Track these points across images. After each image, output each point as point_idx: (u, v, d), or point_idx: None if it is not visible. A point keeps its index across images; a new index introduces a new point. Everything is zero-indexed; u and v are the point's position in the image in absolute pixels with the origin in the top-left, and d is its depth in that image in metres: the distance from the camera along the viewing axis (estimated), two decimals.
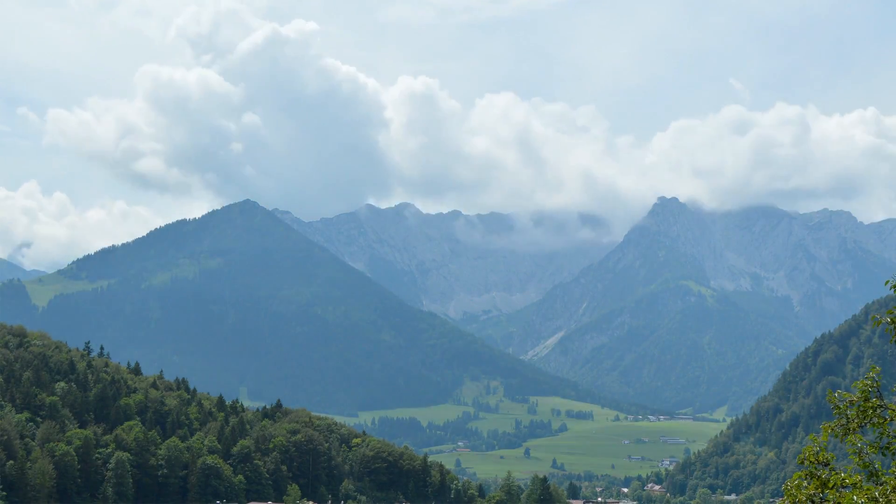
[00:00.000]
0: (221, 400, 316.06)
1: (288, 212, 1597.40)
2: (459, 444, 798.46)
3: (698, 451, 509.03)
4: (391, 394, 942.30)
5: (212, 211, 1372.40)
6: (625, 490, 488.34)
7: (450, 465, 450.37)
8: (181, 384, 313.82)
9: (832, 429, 30.19)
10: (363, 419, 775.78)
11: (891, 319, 29.62)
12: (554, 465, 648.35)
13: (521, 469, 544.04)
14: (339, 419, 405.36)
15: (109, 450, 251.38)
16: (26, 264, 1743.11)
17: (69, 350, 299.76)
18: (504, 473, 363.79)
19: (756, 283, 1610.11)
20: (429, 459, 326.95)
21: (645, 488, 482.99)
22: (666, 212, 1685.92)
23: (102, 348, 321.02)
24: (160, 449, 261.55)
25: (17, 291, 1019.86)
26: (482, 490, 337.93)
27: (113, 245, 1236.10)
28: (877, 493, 28.10)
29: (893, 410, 29.39)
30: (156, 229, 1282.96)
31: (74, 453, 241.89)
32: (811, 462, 29.99)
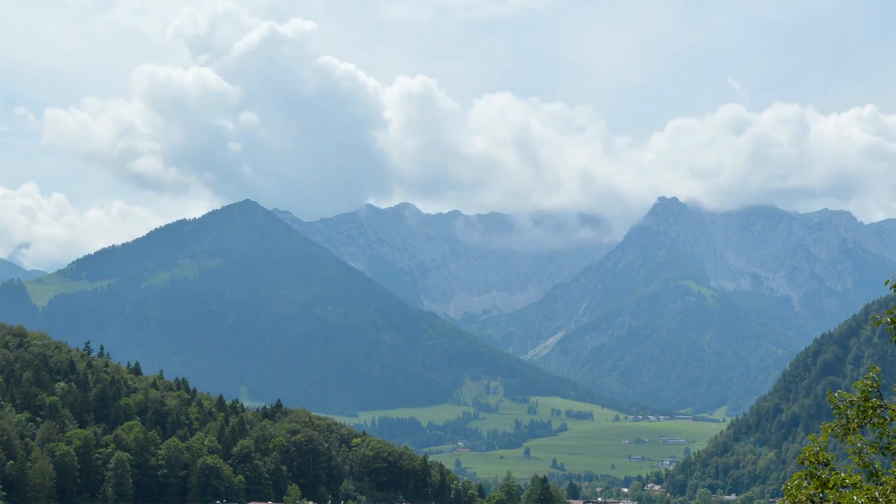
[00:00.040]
0: (221, 400, 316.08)
1: (288, 212, 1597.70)
2: (459, 444, 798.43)
3: (698, 451, 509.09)
4: (391, 394, 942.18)
5: (212, 211, 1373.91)
6: (625, 490, 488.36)
7: (450, 465, 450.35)
8: (181, 384, 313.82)
9: (832, 429, 30.21)
10: (363, 419, 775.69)
11: (891, 319, 29.64)
12: (554, 465, 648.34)
13: (521, 469, 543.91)
14: (339, 419, 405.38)
15: (109, 450, 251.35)
16: (25, 264, 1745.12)
17: (69, 350, 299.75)
18: (504, 473, 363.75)
19: (756, 283, 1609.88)
20: (429, 459, 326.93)
21: (645, 488, 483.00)
22: (666, 212, 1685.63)
23: (102, 348, 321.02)
24: (160, 449, 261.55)
25: (17, 291, 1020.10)
26: (482, 490, 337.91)
27: (113, 245, 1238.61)
28: (877, 493, 28.11)
29: (893, 410, 29.41)
30: (156, 229, 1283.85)
31: (74, 453, 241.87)
32: (811, 462, 30.00)
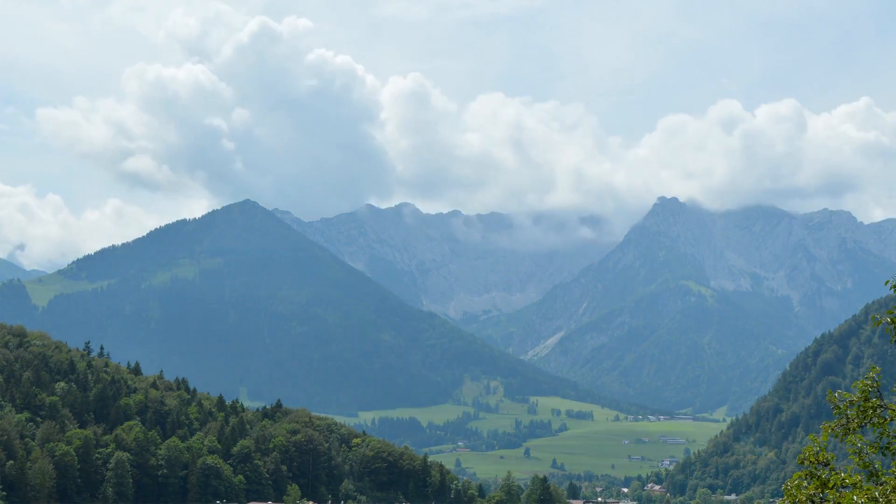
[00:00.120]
0: (221, 400, 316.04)
1: (288, 212, 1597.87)
2: (459, 444, 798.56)
3: (698, 451, 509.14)
4: (391, 394, 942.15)
5: (212, 211, 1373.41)
6: (625, 490, 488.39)
7: (450, 465, 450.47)
8: (181, 384, 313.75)
9: (832, 429, 30.21)
10: (363, 419, 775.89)
11: (891, 319, 29.63)
12: (554, 465, 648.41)
13: (521, 469, 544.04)
14: (339, 419, 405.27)
15: (109, 450, 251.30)
16: (25, 264, 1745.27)
17: (69, 350, 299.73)
18: (504, 473, 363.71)
19: (756, 283, 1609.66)
20: (429, 459, 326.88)
21: (645, 488, 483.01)
22: (666, 212, 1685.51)
23: (102, 348, 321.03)
24: (160, 449, 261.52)
25: (17, 291, 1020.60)
26: (482, 490, 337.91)
27: (113, 245, 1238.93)
28: (877, 493, 28.11)
29: (893, 410, 29.40)
30: (156, 229, 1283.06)
31: (74, 453, 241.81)
32: (811, 462, 30.00)
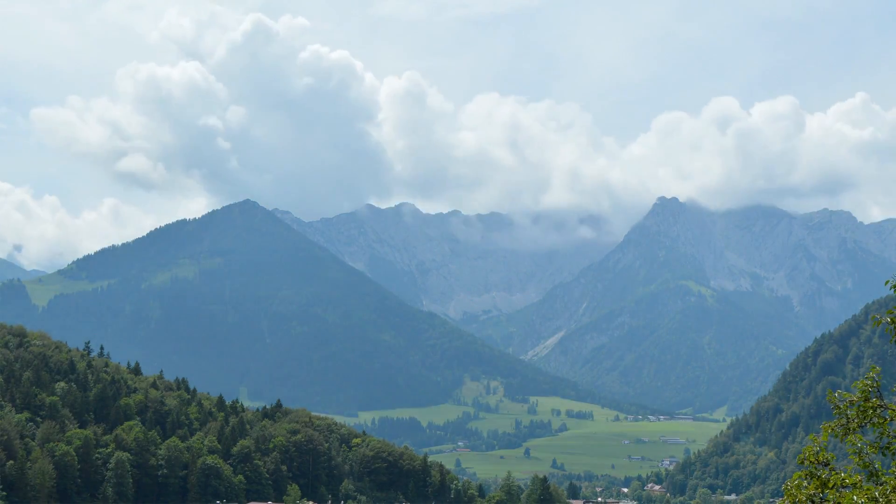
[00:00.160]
0: (221, 400, 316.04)
1: (288, 212, 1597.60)
2: (459, 444, 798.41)
3: (698, 451, 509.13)
4: (391, 394, 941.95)
5: (212, 211, 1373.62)
6: (625, 490, 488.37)
7: (450, 465, 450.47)
8: (181, 384, 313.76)
9: (832, 429, 30.20)
10: (363, 419, 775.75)
11: (891, 319, 29.63)
12: (554, 465, 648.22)
13: (521, 469, 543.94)
14: (339, 419, 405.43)
15: (109, 450, 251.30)
16: (24, 264, 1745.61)
17: (69, 350, 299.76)
18: (504, 473, 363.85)
19: (756, 283, 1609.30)
20: (429, 459, 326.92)
21: (645, 488, 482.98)
22: (666, 212, 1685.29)
23: (102, 348, 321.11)
24: (160, 449, 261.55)
25: (17, 291, 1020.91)
26: (482, 490, 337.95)
27: (113, 245, 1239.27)
28: (877, 493, 28.11)
29: (893, 410, 29.40)
30: (156, 229, 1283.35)
31: (74, 453, 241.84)
32: (811, 462, 30.00)
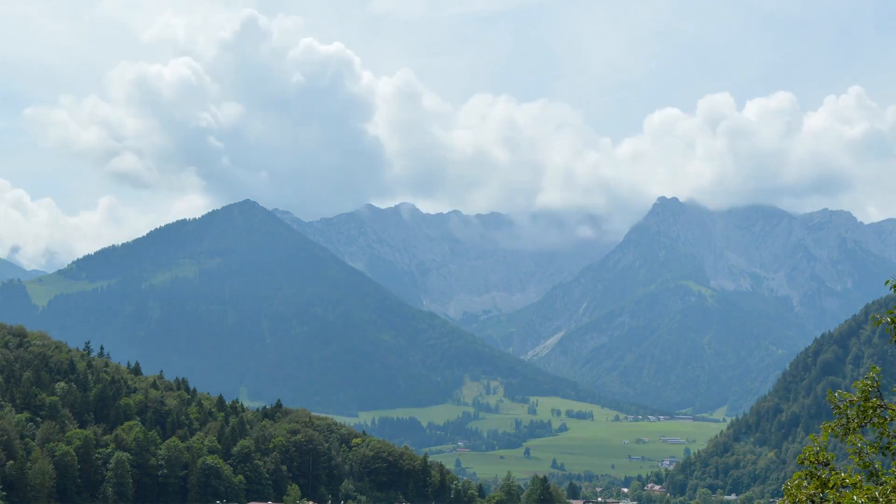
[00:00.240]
0: (221, 400, 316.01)
1: (288, 212, 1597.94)
2: (459, 444, 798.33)
3: (698, 451, 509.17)
4: (391, 394, 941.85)
5: (212, 211, 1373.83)
6: (625, 490, 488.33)
7: (450, 465, 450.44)
8: (181, 384, 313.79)
9: (832, 429, 30.20)
10: (363, 419, 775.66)
11: (891, 319, 29.63)
12: (554, 465, 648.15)
13: (521, 469, 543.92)
14: (339, 419, 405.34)
15: (109, 450, 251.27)
16: (24, 264, 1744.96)
17: (69, 350, 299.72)
18: (504, 473, 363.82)
19: (756, 283, 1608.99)
20: (429, 459, 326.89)
21: (645, 488, 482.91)
22: (666, 211, 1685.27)
23: (102, 348, 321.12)
24: (160, 449, 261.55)
25: (17, 291, 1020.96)
26: (482, 490, 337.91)
27: (113, 245, 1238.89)
28: (877, 493, 28.11)
29: (893, 410, 29.40)
30: (156, 229, 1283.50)
31: (74, 453, 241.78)
32: (811, 462, 30.00)
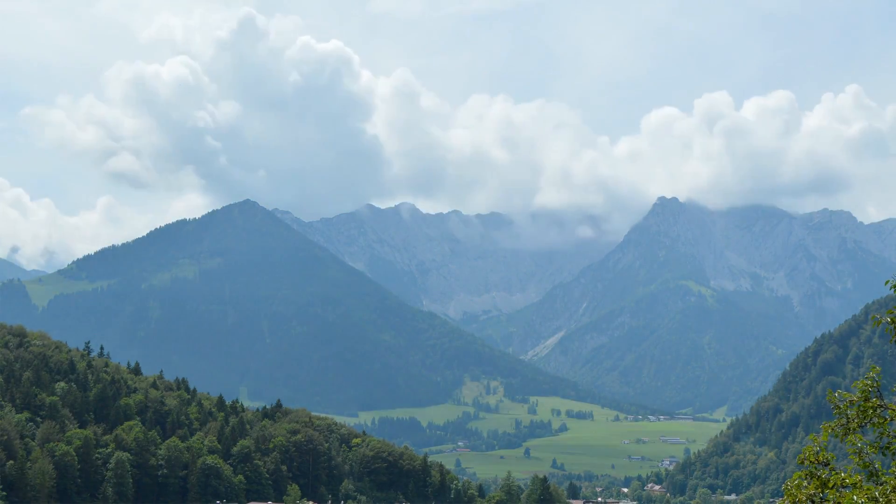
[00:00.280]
0: (221, 400, 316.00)
1: (288, 212, 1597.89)
2: (459, 444, 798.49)
3: (698, 451, 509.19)
4: (391, 394, 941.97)
5: (212, 211, 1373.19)
6: (625, 490, 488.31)
7: (450, 465, 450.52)
8: (181, 384, 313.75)
9: (832, 429, 30.20)
10: (363, 419, 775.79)
11: (891, 319, 29.63)
12: (554, 465, 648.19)
13: (521, 469, 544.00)
14: (339, 419, 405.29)
15: (109, 450, 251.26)
16: (23, 264, 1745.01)
17: (69, 350, 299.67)
18: (504, 473, 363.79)
19: (756, 283, 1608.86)
20: (429, 459, 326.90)
21: (645, 488, 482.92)
22: (666, 211, 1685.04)
23: (102, 348, 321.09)
24: (160, 449, 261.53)
25: (17, 291, 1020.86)
26: (482, 490, 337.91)
27: (113, 245, 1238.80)
28: (877, 493, 28.11)
29: (893, 410, 29.39)
30: (156, 229, 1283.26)
31: (74, 453, 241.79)
32: (811, 462, 30.00)
